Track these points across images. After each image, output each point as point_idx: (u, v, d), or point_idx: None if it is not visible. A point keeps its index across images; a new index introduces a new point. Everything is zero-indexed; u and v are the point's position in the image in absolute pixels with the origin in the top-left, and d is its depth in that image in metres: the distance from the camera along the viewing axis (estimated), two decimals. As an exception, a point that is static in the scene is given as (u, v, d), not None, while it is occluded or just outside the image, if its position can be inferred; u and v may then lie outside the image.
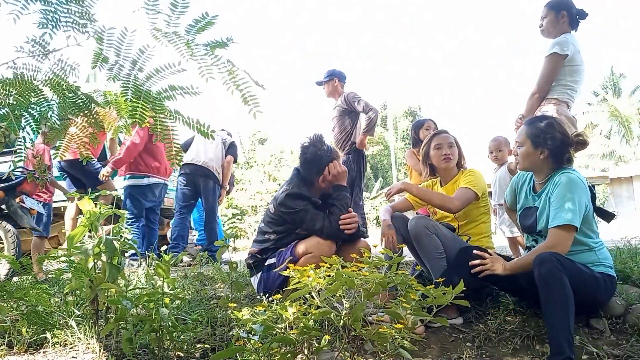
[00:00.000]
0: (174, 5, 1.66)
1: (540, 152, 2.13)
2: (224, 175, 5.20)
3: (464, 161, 2.82)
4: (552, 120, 2.19)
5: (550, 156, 2.13)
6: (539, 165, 2.17)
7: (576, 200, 2.00)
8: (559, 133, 2.13)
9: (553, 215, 2.02)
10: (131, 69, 1.80)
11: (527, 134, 2.17)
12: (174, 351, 1.98)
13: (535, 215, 2.17)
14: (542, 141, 2.12)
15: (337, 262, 1.59)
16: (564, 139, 2.13)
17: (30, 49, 1.78)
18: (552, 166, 2.15)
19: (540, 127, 2.14)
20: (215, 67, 1.66)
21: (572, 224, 1.97)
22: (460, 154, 2.77)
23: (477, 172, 2.64)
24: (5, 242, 4.01)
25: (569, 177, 2.05)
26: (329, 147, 2.66)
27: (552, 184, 2.11)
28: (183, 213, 4.98)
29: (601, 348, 1.94)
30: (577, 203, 1.99)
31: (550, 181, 2.14)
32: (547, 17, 2.98)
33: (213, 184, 5.05)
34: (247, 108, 1.67)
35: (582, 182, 2.06)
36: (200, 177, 4.98)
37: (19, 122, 2.03)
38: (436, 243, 2.36)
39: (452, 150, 2.71)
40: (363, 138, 4.60)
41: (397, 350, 1.54)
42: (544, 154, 2.13)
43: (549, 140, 2.11)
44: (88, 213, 2.07)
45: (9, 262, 2.40)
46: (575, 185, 2.03)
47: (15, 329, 2.26)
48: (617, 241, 3.52)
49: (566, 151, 2.14)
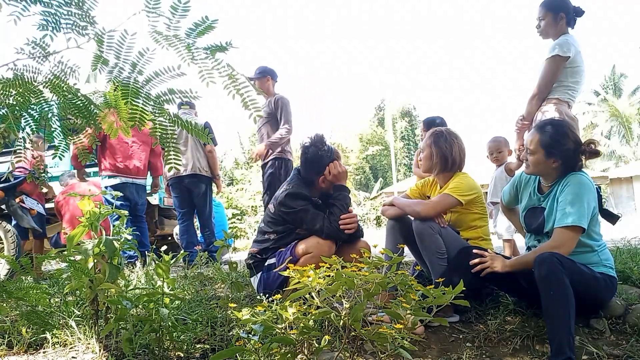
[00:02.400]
0: (174, 8, 1.66)
1: (553, 161, 2.11)
2: (212, 166, 4.87)
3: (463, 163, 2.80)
4: (566, 129, 2.14)
5: (562, 165, 2.12)
6: (549, 172, 2.17)
7: (585, 201, 2.00)
8: (572, 143, 2.10)
9: (560, 216, 2.02)
10: (131, 72, 1.80)
11: (540, 143, 2.12)
12: (174, 351, 1.98)
13: (543, 216, 2.16)
14: (556, 152, 2.10)
15: (337, 262, 1.59)
16: (577, 148, 2.11)
17: (31, 51, 1.78)
18: (563, 172, 2.14)
19: (555, 137, 2.10)
20: (216, 70, 1.67)
21: (579, 225, 1.97)
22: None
23: (467, 179, 2.58)
24: (5, 243, 4.01)
25: (579, 179, 2.05)
26: (330, 148, 2.66)
27: (561, 184, 2.11)
28: (185, 220, 4.81)
29: (601, 348, 1.94)
30: (585, 204, 2.00)
31: (558, 182, 2.14)
32: (545, 19, 2.95)
33: (204, 187, 4.83)
34: (247, 112, 1.68)
35: (590, 184, 2.06)
36: (189, 182, 4.74)
37: (19, 123, 2.03)
38: (439, 243, 2.36)
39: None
40: (263, 149, 4.29)
41: (397, 351, 1.54)
42: (556, 162, 2.11)
43: (563, 152, 2.09)
44: (88, 213, 2.07)
45: (9, 262, 2.39)
46: (585, 186, 2.03)
47: (15, 329, 2.26)
48: (617, 241, 3.52)
49: (579, 159, 2.12)
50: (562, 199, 2.05)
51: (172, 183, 4.83)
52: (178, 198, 4.82)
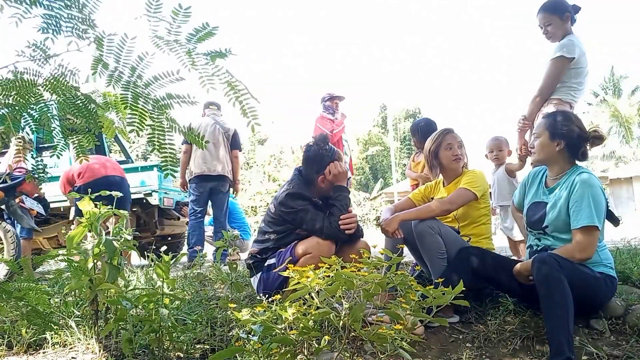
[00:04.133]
0: (175, 13, 1.66)
1: (557, 143, 2.15)
2: (234, 171, 4.97)
3: (467, 161, 2.81)
4: (570, 114, 2.24)
5: (566, 148, 2.15)
6: (555, 158, 2.19)
7: (597, 201, 2.02)
8: (576, 127, 2.16)
9: (575, 217, 2.03)
10: (130, 76, 1.80)
11: (545, 125, 2.20)
12: (174, 352, 1.98)
13: (545, 210, 2.17)
14: (559, 133, 2.15)
15: (336, 263, 1.59)
16: (581, 132, 2.16)
17: (32, 54, 1.78)
18: (567, 160, 2.17)
19: (559, 120, 2.18)
20: (216, 77, 1.68)
21: (595, 224, 1.99)
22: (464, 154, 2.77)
23: (479, 173, 2.63)
24: (5, 243, 4.01)
25: (588, 179, 2.06)
26: (332, 148, 2.67)
27: (568, 183, 2.11)
28: (199, 217, 4.81)
29: (601, 349, 1.94)
30: (598, 204, 2.01)
31: (564, 179, 2.15)
32: (553, 23, 2.95)
33: (228, 188, 4.92)
34: (245, 120, 1.68)
35: (599, 183, 2.08)
36: (216, 182, 4.80)
37: (19, 123, 2.03)
38: (439, 243, 2.37)
39: (461, 150, 2.70)
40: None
41: (396, 351, 1.54)
42: (560, 145, 2.15)
43: (566, 132, 2.14)
44: (88, 214, 2.07)
45: (7, 263, 2.39)
46: (594, 186, 2.04)
47: (14, 330, 2.26)
48: (616, 242, 3.52)
49: (582, 145, 2.17)
50: (575, 198, 2.05)
51: (196, 181, 4.79)
52: (200, 196, 4.81)
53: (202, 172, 4.76)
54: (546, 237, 2.18)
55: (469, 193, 2.52)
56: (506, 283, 2.22)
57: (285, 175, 22.89)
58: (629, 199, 20.09)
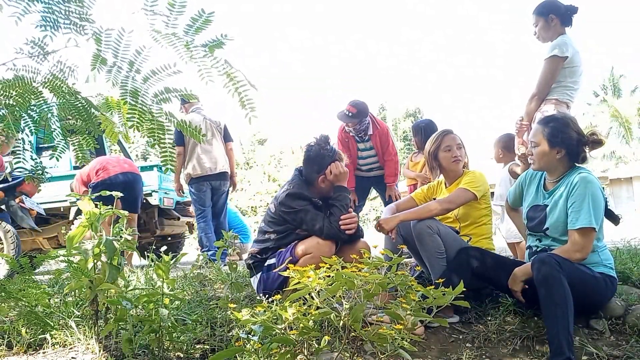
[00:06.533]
0: (171, 5, 1.65)
1: (557, 151, 2.12)
2: (231, 165, 4.86)
3: (468, 161, 2.82)
4: (568, 120, 2.19)
5: (567, 156, 2.13)
6: (554, 165, 2.17)
7: (596, 201, 2.01)
8: (575, 132, 2.12)
9: (573, 217, 2.02)
10: (129, 71, 1.80)
11: (544, 134, 2.15)
12: (174, 352, 1.98)
13: (545, 212, 2.17)
14: (559, 141, 2.11)
15: (336, 263, 1.59)
16: (580, 138, 2.13)
17: (30, 51, 1.78)
18: (567, 165, 2.16)
19: (557, 127, 2.13)
20: (215, 69, 1.67)
21: (593, 226, 1.98)
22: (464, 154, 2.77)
23: (479, 173, 2.63)
24: (5, 243, 4.01)
25: (587, 179, 2.05)
26: (333, 148, 2.67)
27: (567, 184, 2.11)
28: (207, 218, 4.71)
29: (601, 349, 1.94)
30: (597, 205, 2.01)
31: (564, 180, 2.14)
32: (539, 24, 3.02)
33: (227, 187, 4.84)
34: (244, 112, 1.68)
35: (598, 183, 2.07)
36: (217, 180, 4.72)
37: (19, 124, 2.03)
38: (438, 243, 2.36)
39: (460, 151, 2.70)
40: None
41: (396, 351, 1.54)
42: (560, 153, 2.12)
43: (565, 140, 2.11)
44: (88, 213, 2.07)
45: (8, 262, 2.39)
46: (594, 186, 2.03)
47: (14, 330, 2.26)
48: (616, 242, 3.52)
49: (582, 151, 2.14)
50: (573, 199, 2.04)
51: (197, 182, 4.68)
52: (203, 195, 4.69)
53: (202, 173, 4.67)
54: (547, 238, 2.17)
55: (469, 193, 2.52)
56: (506, 283, 2.21)
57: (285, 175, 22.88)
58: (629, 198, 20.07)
